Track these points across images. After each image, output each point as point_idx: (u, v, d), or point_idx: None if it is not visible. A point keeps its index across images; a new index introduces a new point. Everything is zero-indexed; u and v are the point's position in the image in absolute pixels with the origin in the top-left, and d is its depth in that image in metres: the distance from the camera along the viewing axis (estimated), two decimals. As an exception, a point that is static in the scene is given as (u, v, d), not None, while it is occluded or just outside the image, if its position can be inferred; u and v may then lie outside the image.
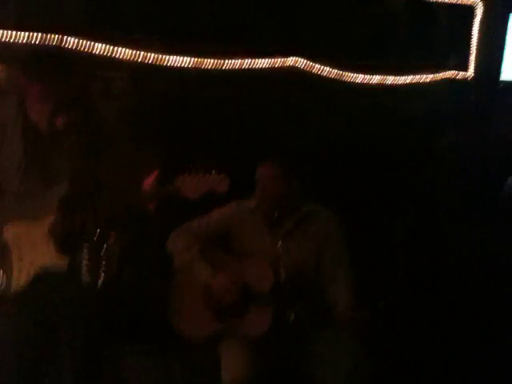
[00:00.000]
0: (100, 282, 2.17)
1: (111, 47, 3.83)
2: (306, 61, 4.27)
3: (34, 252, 2.44)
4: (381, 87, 4.41)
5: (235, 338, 2.74)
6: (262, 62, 4.18)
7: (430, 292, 3.53)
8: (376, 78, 4.43)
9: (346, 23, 4.44)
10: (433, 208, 4.04)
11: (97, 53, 3.80)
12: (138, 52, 3.91)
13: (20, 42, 3.54)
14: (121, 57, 3.87)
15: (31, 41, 3.57)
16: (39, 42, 3.58)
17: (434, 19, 4.76)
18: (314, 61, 4.27)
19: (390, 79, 4.47)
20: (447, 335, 3.38)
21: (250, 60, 4.16)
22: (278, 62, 4.24)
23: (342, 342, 2.69)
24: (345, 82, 4.32)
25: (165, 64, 3.98)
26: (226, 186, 2.36)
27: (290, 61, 4.25)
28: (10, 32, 3.53)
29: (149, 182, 3.37)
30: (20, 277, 2.43)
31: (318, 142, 4.06)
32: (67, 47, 3.52)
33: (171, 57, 3.99)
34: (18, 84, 2.39)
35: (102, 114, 3.37)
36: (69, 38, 3.69)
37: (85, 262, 2.14)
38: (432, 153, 4.40)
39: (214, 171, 2.33)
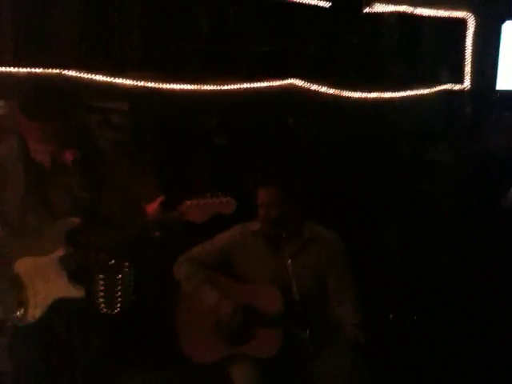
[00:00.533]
0: (116, 311, 2.18)
1: (110, 78, 3.89)
2: (302, 81, 4.31)
3: (48, 286, 2.46)
4: (378, 103, 4.45)
5: (246, 361, 2.74)
6: (260, 85, 4.23)
7: (435, 308, 3.53)
8: (373, 94, 4.47)
9: (340, 42, 4.49)
10: (433, 221, 4.06)
11: (96, 84, 3.85)
12: (137, 81, 3.97)
13: (20, 76, 3.61)
14: (120, 87, 3.92)
15: (31, 75, 3.64)
16: (39, 75, 3.65)
17: (428, 33, 4.80)
18: (311, 81, 4.31)
19: (387, 95, 4.51)
20: (453, 349, 3.38)
21: (247, 83, 4.21)
22: (276, 83, 4.29)
23: (350, 361, 2.69)
24: (342, 101, 4.36)
25: (163, 91, 4.03)
26: (233, 208, 2.36)
27: (287, 82, 4.30)
28: (9, 68, 3.60)
29: (153, 209, 3.41)
30: (35, 312, 2.46)
31: (315, 161, 4.09)
32: (65, 81, 3.55)
33: (169, 85, 4.04)
34: (18, 123, 2.41)
35: (104, 146, 3.44)
36: (68, 72, 3.76)
37: (101, 294, 2.15)
38: (430, 166, 4.42)
39: (219, 193, 2.34)
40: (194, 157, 4.07)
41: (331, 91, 4.36)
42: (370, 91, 4.43)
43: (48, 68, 3.71)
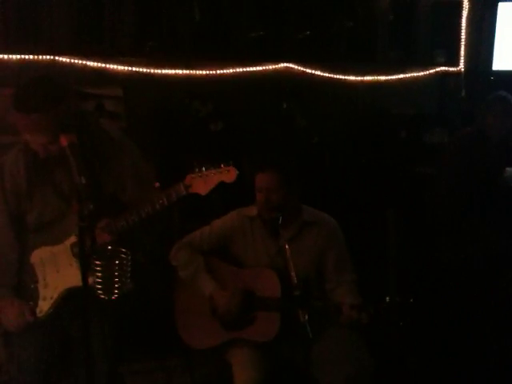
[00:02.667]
0: (113, 297, 2.17)
1: (103, 64, 3.86)
2: (297, 65, 4.29)
3: (58, 275, 2.48)
4: (374, 86, 4.44)
5: (245, 345, 2.75)
6: (254, 69, 4.21)
7: (431, 288, 3.54)
8: (368, 78, 4.45)
9: (334, 26, 4.46)
10: (430, 203, 4.06)
11: (89, 70, 3.82)
12: (130, 67, 3.94)
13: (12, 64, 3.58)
14: (113, 73, 3.89)
15: (24, 62, 3.60)
16: (32, 62, 3.62)
17: (422, 15, 4.78)
18: (305, 65, 4.29)
19: (382, 78, 4.50)
20: (449, 333, 3.39)
21: (241, 68, 4.19)
22: (270, 67, 4.27)
23: (344, 340, 2.70)
24: (337, 84, 4.35)
25: (157, 77, 4.00)
26: (235, 176, 2.36)
27: (282, 66, 4.27)
28: (1, 55, 3.56)
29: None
30: (43, 304, 2.47)
31: (311, 145, 4.09)
32: (52, 71, 3.51)
33: (162, 70, 4.02)
34: (14, 115, 2.40)
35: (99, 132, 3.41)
36: (60, 58, 3.73)
37: (98, 280, 2.15)
38: (426, 148, 4.42)
39: (222, 165, 2.34)
40: (189, 143, 4.06)
41: (326, 74, 4.34)
42: (364, 74, 4.42)
43: (40, 55, 3.68)
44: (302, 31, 4.35)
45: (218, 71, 4.14)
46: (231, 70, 4.17)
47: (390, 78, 4.49)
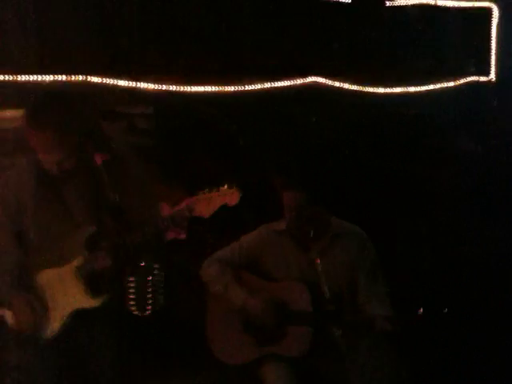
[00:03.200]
0: (146, 313, 2.20)
1: (133, 83, 3.91)
2: (325, 79, 4.28)
3: (66, 298, 2.50)
4: (403, 97, 4.39)
5: (277, 360, 2.73)
6: (282, 84, 4.21)
7: (465, 301, 3.48)
8: (398, 89, 4.41)
9: (362, 37, 4.45)
10: (461, 214, 4.00)
11: (120, 89, 3.88)
12: (160, 85, 3.98)
13: (44, 84, 3.65)
14: (143, 91, 3.94)
15: (56, 82, 3.68)
16: (64, 82, 3.69)
17: (452, 25, 4.73)
18: (333, 78, 4.28)
19: (412, 88, 4.46)
20: (484, 344, 3.32)
21: (269, 83, 4.20)
22: (298, 82, 4.27)
23: (383, 356, 2.67)
24: (365, 96, 4.32)
25: (186, 94, 4.04)
26: (238, 199, 2.36)
27: (309, 80, 4.27)
28: (34, 76, 3.64)
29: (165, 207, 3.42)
30: (54, 326, 2.49)
31: (342, 159, 4.06)
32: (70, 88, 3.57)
33: (192, 87, 4.05)
34: (26, 134, 2.43)
35: (129, 151, 3.46)
36: (92, 78, 3.80)
37: (131, 296, 2.17)
38: (458, 159, 4.36)
39: (225, 185, 2.34)
40: (218, 158, 4.08)
41: (354, 87, 4.32)
42: (394, 86, 4.38)
43: (72, 74, 3.75)
44: (329, 44, 4.35)
45: (247, 87, 4.16)
46: (259, 86, 4.18)
47: (419, 89, 4.44)
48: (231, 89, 4.15)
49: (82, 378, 2.54)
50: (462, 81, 4.66)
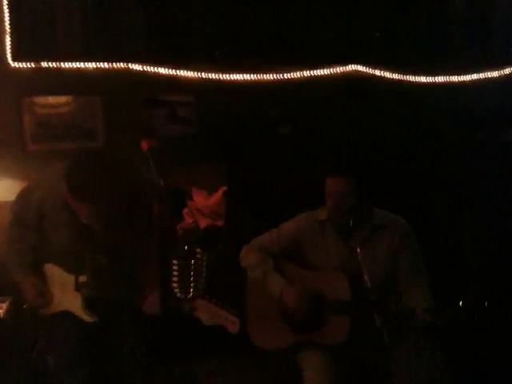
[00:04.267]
0: (189, 296, 2.25)
1: (174, 71, 3.94)
2: (365, 68, 4.24)
3: (63, 297, 2.63)
4: (446, 87, 4.31)
5: (314, 348, 2.73)
6: (323, 72, 4.18)
7: (507, 293, 3.41)
8: (440, 79, 4.33)
9: (405, 25, 4.38)
10: (501, 206, 3.92)
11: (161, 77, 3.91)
12: (200, 73, 4.00)
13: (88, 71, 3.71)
14: (184, 79, 3.96)
15: (99, 69, 3.73)
16: (107, 69, 3.74)
17: (497, 12, 4.62)
18: (374, 67, 4.23)
19: (455, 78, 4.37)
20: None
21: (309, 71, 4.17)
22: (338, 70, 4.23)
23: (421, 347, 2.64)
24: (407, 85, 4.25)
25: (227, 82, 4.04)
26: (237, 330, 2.44)
27: (350, 68, 4.23)
28: (78, 63, 3.70)
29: (217, 199, 3.42)
30: (49, 309, 2.63)
31: (383, 148, 4.02)
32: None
33: (232, 75, 4.06)
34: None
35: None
36: (134, 66, 3.84)
37: (175, 279, 2.22)
38: (504, 149, 4.26)
39: (230, 308, 2.41)
40: (259, 147, 4.08)
41: (395, 76, 4.26)
42: (436, 75, 4.30)
43: (115, 62, 3.80)
44: (372, 32, 4.29)
45: (286, 75, 4.14)
46: (299, 74, 4.16)
47: (463, 78, 4.35)
48: (270, 77, 4.15)
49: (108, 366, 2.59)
50: (508, 70, 4.54)
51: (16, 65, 3.64)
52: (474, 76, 4.38)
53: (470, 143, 4.19)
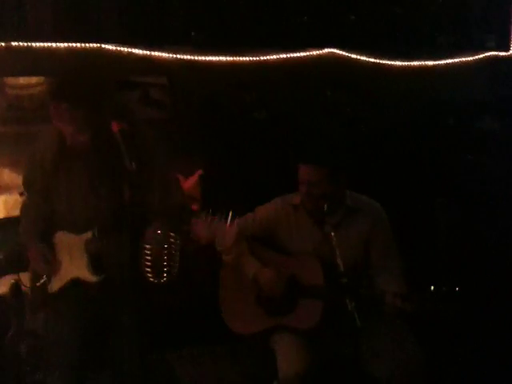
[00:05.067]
0: (162, 281, 2.24)
1: (148, 52, 3.88)
2: (341, 51, 4.23)
3: (70, 263, 2.60)
4: (421, 71, 4.33)
5: (288, 332, 2.75)
6: (298, 55, 4.17)
7: (480, 276, 3.46)
8: (415, 63, 4.35)
9: (380, 8, 4.38)
10: (480, 191, 3.97)
11: (135, 58, 3.85)
12: (174, 55, 3.95)
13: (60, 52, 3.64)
14: (158, 61, 3.91)
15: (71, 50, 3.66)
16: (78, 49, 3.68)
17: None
18: (350, 51, 4.23)
19: (430, 63, 4.39)
20: (497, 324, 3.31)
21: (285, 54, 4.16)
22: (314, 53, 4.22)
23: (393, 332, 2.67)
24: (382, 69, 4.26)
25: (201, 65, 4.00)
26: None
27: (326, 52, 4.22)
28: (49, 43, 3.62)
29: (190, 185, 3.43)
30: (54, 284, 2.59)
31: (357, 134, 4.03)
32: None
33: (207, 57, 4.02)
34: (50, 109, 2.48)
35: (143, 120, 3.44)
36: (107, 46, 3.77)
37: (147, 264, 2.21)
38: (477, 135, 4.31)
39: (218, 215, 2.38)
40: (233, 131, 4.06)
41: (371, 60, 4.26)
42: (412, 59, 4.32)
43: (87, 43, 3.73)
44: (347, 16, 4.28)
45: (262, 57, 4.12)
46: (275, 57, 4.14)
47: (437, 63, 4.37)
48: (247, 59, 4.12)
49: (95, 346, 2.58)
50: (481, 55, 4.58)
51: (-16, 44, 3.56)
52: (449, 61, 4.41)
53: (444, 129, 4.22)
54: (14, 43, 3.58)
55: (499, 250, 3.63)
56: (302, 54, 4.16)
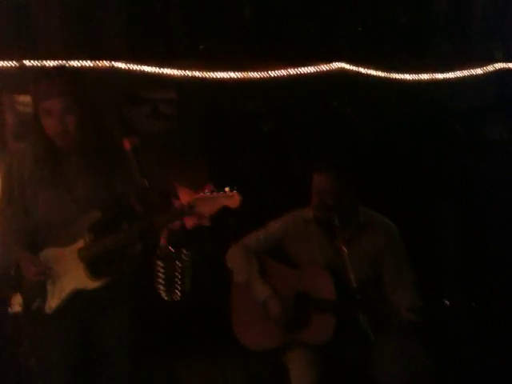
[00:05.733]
0: (176, 298, 2.23)
1: (158, 69, 3.91)
2: (350, 65, 4.24)
3: (65, 277, 2.53)
4: (430, 84, 4.34)
5: (301, 348, 2.74)
6: (307, 70, 4.18)
7: (493, 290, 3.44)
8: (425, 76, 4.35)
9: (388, 22, 4.39)
10: (488, 202, 3.95)
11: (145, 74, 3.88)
12: (183, 71, 3.98)
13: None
14: (168, 77, 3.94)
15: (83, 67, 3.70)
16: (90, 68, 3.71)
17: (479, 9, 4.64)
18: (358, 65, 4.24)
19: (440, 75, 4.39)
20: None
21: (294, 69, 4.17)
22: (323, 68, 4.23)
23: (405, 345, 2.66)
24: (392, 82, 4.27)
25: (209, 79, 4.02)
26: (238, 202, 2.35)
27: (335, 66, 4.23)
28: (61, 61, 3.66)
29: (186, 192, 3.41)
30: (52, 302, 2.52)
31: (369, 146, 4.03)
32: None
33: (215, 73, 4.04)
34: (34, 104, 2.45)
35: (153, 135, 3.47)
36: (117, 64, 3.81)
37: (160, 281, 2.20)
38: (485, 146, 4.30)
39: (227, 188, 2.34)
40: (243, 144, 4.07)
41: (380, 73, 4.27)
42: (420, 72, 4.32)
43: (98, 60, 3.76)
44: (354, 28, 4.30)
45: (271, 73, 4.14)
46: (284, 72, 4.15)
47: (447, 75, 4.37)
48: (256, 75, 4.14)
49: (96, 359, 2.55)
50: (490, 68, 4.58)
51: (-2, 63, 3.60)
52: (458, 73, 4.41)
53: (455, 141, 4.21)
54: (26, 62, 3.62)
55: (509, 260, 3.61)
56: (312, 68, 4.18)
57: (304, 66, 4.15)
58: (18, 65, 3.59)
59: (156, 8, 4.03)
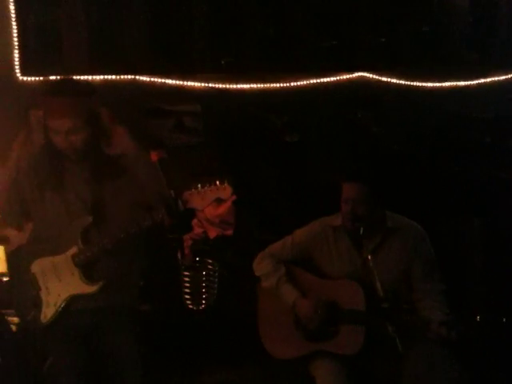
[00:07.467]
0: (201, 307, 2.23)
1: (181, 82, 3.96)
2: (371, 74, 4.24)
3: (60, 284, 2.54)
4: (453, 92, 4.31)
5: (328, 357, 2.71)
6: (329, 80, 4.19)
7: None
8: (447, 84, 4.33)
9: (409, 31, 4.38)
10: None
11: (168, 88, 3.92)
12: (206, 83, 4.01)
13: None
14: (191, 90, 3.98)
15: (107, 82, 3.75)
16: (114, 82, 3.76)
17: (502, 17, 4.62)
18: (380, 74, 4.24)
19: (462, 83, 4.37)
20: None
21: (315, 79, 4.19)
22: (344, 77, 4.24)
23: (434, 356, 2.62)
24: (414, 91, 4.25)
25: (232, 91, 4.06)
26: (230, 193, 2.39)
27: (356, 75, 4.23)
28: (85, 76, 3.72)
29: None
30: (47, 311, 2.54)
31: (392, 154, 4.01)
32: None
33: (238, 85, 4.07)
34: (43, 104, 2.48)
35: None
36: (140, 77, 3.86)
37: (186, 291, 2.20)
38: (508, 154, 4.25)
39: (217, 182, 2.36)
40: (266, 156, 4.08)
41: (402, 82, 4.26)
42: (443, 80, 4.30)
43: (122, 74, 3.82)
44: (376, 38, 4.30)
45: (293, 83, 4.16)
46: (305, 82, 4.17)
47: (469, 83, 4.35)
48: (277, 86, 4.16)
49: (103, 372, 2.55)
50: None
51: (24, 78, 3.67)
52: (481, 81, 4.38)
53: (478, 148, 4.17)
54: (51, 77, 3.69)
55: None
56: (333, 78, 4.19)
57: (325, 76, 4.16)
58: (43, 80, 3.66)
59: (178, 21, 4.09)
